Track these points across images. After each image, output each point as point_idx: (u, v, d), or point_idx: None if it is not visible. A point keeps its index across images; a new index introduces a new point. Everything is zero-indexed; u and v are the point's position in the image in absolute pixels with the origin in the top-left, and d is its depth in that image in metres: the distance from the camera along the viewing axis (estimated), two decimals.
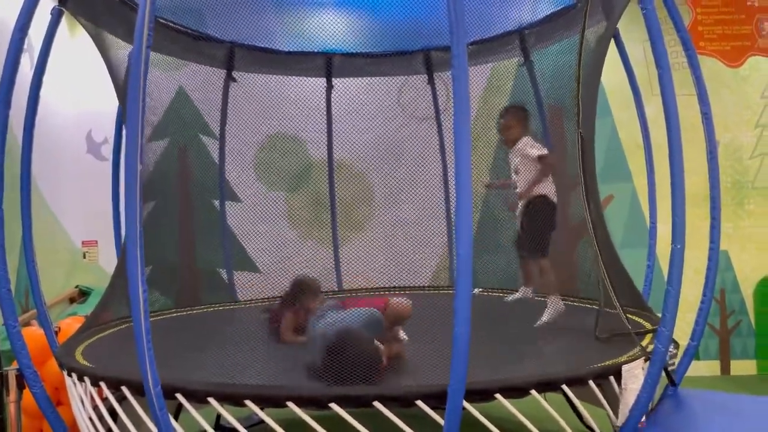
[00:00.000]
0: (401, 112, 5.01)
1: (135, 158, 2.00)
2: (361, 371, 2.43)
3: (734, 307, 5.69)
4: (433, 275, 5.18)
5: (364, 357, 2.51)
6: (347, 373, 2.40)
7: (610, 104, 5.67)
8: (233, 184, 4.93)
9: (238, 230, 4.85)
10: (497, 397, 2.29)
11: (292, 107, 4.78)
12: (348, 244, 5.13)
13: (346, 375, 2.40)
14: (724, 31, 5.75)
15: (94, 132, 5.74)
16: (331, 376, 2.43)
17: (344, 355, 2.48)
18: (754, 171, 5.78)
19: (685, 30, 3.06)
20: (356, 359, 2.46)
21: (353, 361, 2.45)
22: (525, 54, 4.39)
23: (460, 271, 2.06)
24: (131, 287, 2.04)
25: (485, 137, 4.89)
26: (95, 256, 5.70)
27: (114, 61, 3.73)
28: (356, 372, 2.41)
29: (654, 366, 2.53)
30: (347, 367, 2.42)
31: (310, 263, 4.35)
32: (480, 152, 4.87)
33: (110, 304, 3.68)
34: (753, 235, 5.72)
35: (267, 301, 4.27)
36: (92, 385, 2.62)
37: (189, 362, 2.79)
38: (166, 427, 2.19)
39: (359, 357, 2.48)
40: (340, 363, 2.45)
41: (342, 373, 2.40)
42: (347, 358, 2.46)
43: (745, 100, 5.79)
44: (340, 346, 2.55)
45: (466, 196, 2.05)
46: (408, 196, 4.95)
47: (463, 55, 2.09)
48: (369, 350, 2.58)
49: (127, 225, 2.07)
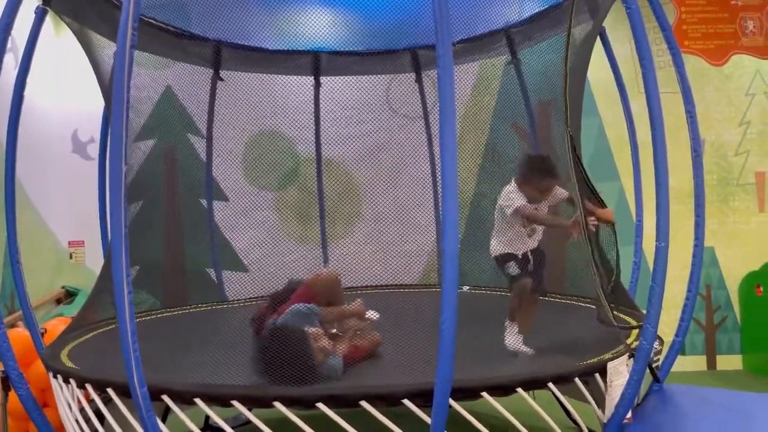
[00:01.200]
0: (389, 110, 5.01)
1: (119, 159, 1.98)
2: (294, 364, 2.47)
3: (720, 303, 5.75)
4: (422, 274, 5.19)
5: (292, 350, 2.54)
6: (283, 370, 2.45)
7: (597, 103, 5.70)
8: (221, 182, 4.91)
9: (225, 229, 4.84)
10: (483, 395, 2.30)
11: (279, 106, 4.77)
12: (336, 242, 5.13)
13: (282, 372, 2.45)
14: (708, 30, 5.80)
15: (79, 132, 5.69)
16: (272, 377, 2.49)
17: (274, 355, 2.52)
18: (739, 168, 5.84)
19: (669, 29, 3.08)
20: (285, 355, 2.50)
21: (285, 359, 2.49)
22: (512, 52, 4.41)
23: (446, 269, 2.07)
24: (116, 288, 2.03)
25: (473, 136, 4.91)
26: (82, 257, 5.66)
27: (99, 61, 3.70)
28: (291, 366, 2.46)
29: (638, 363, 2.55)
30: (281, 365, 2.47)
31: (299, 262, 4.34)
32: (468, 151, 4.89)
33: (97, 305, 3.65)
34: (738, 232, 5.78)
35: (255, 300, 4.27)
36: (78, 387, 2.60)
37: (176, 363, 2.77)
38: (153, 429, 2.18)
39: (287, 352, 2.51)
40: (274, 363, 2.49)
41: (279, 371, 2.46)
42: (278, 358, 2.50)
43: (729, 97, 5.84)
44: (268, 349, 2.58)
45: (452, 193, 2.06)
46: (396, 194, 4.95)
47: (448, 54, 2.09)
48: (295, 342, 2.60)
49: (112, 227, 2.06)
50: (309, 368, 2.51)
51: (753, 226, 5.82)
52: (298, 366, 2.48)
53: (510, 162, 4.90)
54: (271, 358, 2.51)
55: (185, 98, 4.65)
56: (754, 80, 5.85)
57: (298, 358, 2.52)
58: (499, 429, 2.35)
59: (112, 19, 3.24)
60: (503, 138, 4.92)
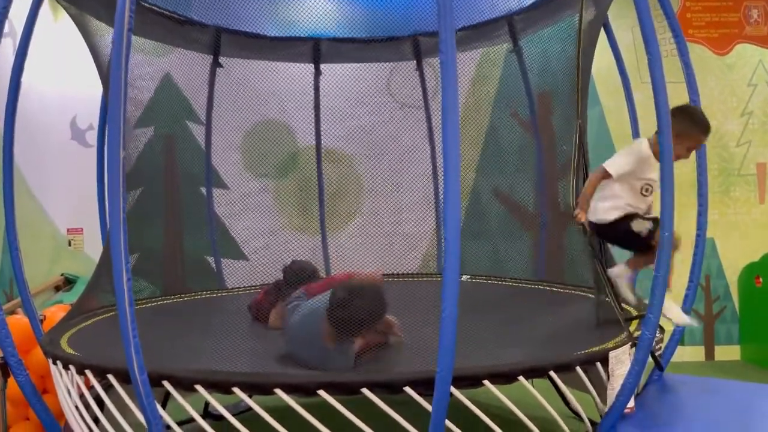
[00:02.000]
0: (390, 98, 4.98)
1: (117, 146, 1.96)
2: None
3: (719, 294, 5.75)
4: (422, 262, 5.19)
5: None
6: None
7: (599, 93, 5.67)
8: (220, 170, 4.89)
9: (225, 217, 4.82)
10: (485, 383, 2.30)
11: (279, 93, 4.74)
12: (336, 231, 5.11)
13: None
14: (712, 19, 5.76)
15: (78, 118, 5.65)
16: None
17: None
18: (740, 158, 5.83)
19: (674, 16, 3.05)
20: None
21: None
22: (514, 40, 4.37)
23: (447, 257, 2.06)
24: (115, 275, 2.01)
25: (475, 124, 4.89)
26: (81, 244, 5.65)
27: (98, 47, 3.67)
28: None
29: (641, 352, 2.55)
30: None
31: (298, 251, 4.32)
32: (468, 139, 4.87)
33: (96, 292, 3.64)
34: (738, 223, 5.78)
35: (255, 288, 4.26)
36: (78, 373, 2.59)
37: (176, 350, 2.77)
38: (152, 415, 2.18)
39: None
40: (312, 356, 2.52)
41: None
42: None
43: (731, 87, 5.82)
44: (309, 341, 2.58)
45: (455, 181, 2.04)
46: (396, 182, 4.94)
47: (451, 40, 2.06)
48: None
49: (111, 213, 2.04)
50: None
51: (753, 217, 5.81)
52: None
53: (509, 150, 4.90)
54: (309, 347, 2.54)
55: (184, 85, 4.62)
56: (757, 70, 5.81)
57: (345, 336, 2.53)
58: (498, 418, 2.34)
59: (109, 4, 3.20)
60: (503, 126, 4.91)
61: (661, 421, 2.73)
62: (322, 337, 2.57)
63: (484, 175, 5.02)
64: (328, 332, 2.56)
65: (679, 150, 2.80)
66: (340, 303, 2.53)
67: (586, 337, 2.82)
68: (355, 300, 2.52)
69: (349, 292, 2.56)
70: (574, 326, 3.10)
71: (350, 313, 2.49)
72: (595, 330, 2.94)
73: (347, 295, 2.55)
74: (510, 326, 3.10)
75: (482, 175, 5.03)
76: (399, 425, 2.21)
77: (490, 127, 4.97)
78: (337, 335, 2.53)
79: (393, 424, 2.22)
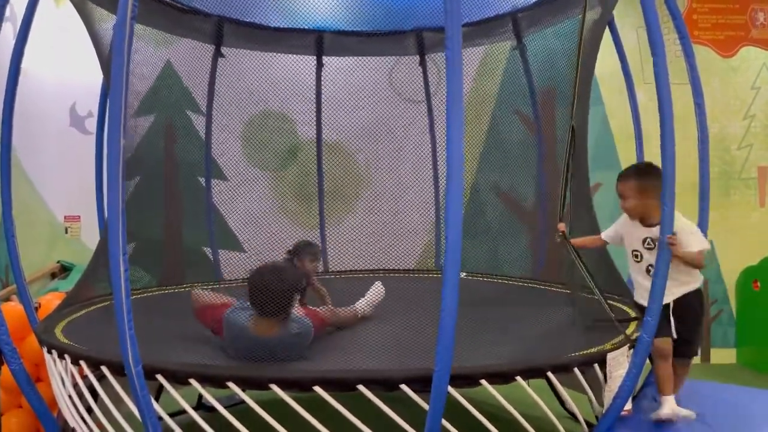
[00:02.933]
0: (392, 92, 4.95)
1: (118, 133, 1.94)
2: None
3: (717, 297, 5.75)
4: (420, 259, 5.17)
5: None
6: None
7: (602, 93, 5.65)
8: (220, 161, 4.86)
9: (223, 209, 4.80)
10: (482, 382, 2.29)
11: (281, 85, 4.70)
12: (335, 225, 5.09)
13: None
14: (719, 21, 5.74)
15: (78, 105, 5.61)
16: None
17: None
18: (741, 162, 5.82)
19: (680, 16, 3.03)
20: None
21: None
22: (518, 37, 4.34)
23: (448, 253, 2.04)
24: (112, 265, 1.99)
25: (476, 120, 4.86)
26: (78, 232, 5.62)
27: (99, 33, 3.64)
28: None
29: (638, 355, 2.54)
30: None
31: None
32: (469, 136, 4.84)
33: (92, 281, 3.62)
34: (738, 226, 5.77)
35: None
36: (73, 363, 2.58)
37: (171, 342, 2.75)
38: (147, 407, 2.16)
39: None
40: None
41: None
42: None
43: (734, 90, 5.80)
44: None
45: (458, 177, 2.02)
46: (396, 177, 4.91)
47: (457, 36, 2.05)
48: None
49: (109, 201, 2.02)
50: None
51: (753, 220, 5.81)
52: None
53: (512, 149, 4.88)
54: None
55: (185, 74, 4.58)
56: (761, 73, 5.80)
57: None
58: (494, 417, 2.33)
59: None
60: (505, 124, 4.88)
61: (657, 424, 2.73)
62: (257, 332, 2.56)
63: (484, 172, 5.00)
64: (261, 324, 2.56)
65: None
66: (256, 291, 2.54)
67: (584, 338, 2.81)
68: (265, 279, 2.56)
69: (257, 278, 2.59)
70: (572, 327, 3.09)
71: (268, 293, 2.52)
72: (593, 331, 2.93)
73: (257, 280, 2.58)
74: (508, 325, 3.09)
75: (483, 172, 5.01)
76: (394, 423, 2.20)
77: (492, 125, 4.94)
78: (271, 320, 2.54)
79: (388, 422, 2.20)
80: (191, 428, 2.32)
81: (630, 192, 2.80)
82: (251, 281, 2.59)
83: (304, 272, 3.39)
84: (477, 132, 4.91)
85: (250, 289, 2.57)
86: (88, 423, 2.58)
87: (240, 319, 2.59)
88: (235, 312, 2.66)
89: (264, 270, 2.64)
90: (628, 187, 2.81)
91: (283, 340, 2.54)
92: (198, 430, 2.27)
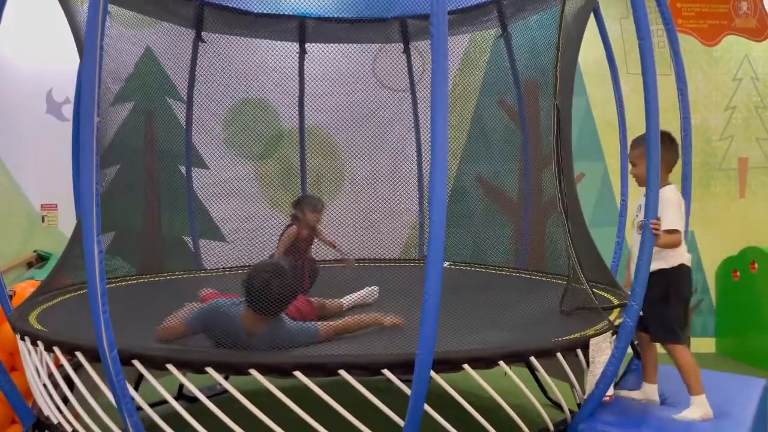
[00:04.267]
0: (376, 80, 4.90)
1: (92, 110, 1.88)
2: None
3: (697, 286, 5.80)
4: (404, 248, 5.15)
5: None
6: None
7: (585, 83, 5.65)
8: (200, 149, 4.78)
9: (204, 198, 4.72)
10: (465, 367, 2.26)
11: (263, 72, 4.63)
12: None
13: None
14: (702, 9, 5.77)
15: (54, 91, 5.49)
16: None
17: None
18: (722, 153, 5.86)
19: (665, 3, 3.02)
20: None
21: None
22: (502, 25, 4.32)
23: (432, 240, 2.01)
24: (85, 245, 1.93)
25: (460, 109, 4.84)
26: (55, 220, 5.51)
27: (76, 17, 3.55)
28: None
29: (622, 340, 2.53)
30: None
31: (278, 231, 4.24)
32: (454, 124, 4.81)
33: (68, 268, 3.54)
34: (718, 217, 5.82)
35: (232, 270, 4.19)
36: (46, 350, 2.51)
37: (149, 330, 2.69)
38: (122, 393, 2.10)
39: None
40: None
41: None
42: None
43: (716, 82, 5.84)
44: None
45: (442, 160, 1.99)
46: (380, 165, 4.87)
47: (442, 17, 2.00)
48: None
49: (83, 179, 1.95)
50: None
51: (733, 211, 5.86)
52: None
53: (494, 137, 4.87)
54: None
55: (165, 60, 4.49)
56: (742, 65, 5.84)
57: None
58: (476, 405, 2.32)
59: None
60: (489, 113, 4.87)
61: (638, 409, 2.74)
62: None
63: (468, 161, 4.99)
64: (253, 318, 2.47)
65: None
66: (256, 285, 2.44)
67: (568, 324, 2.81)
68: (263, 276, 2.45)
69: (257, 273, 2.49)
70: (555, 314, 3.08)
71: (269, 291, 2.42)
72: (576, 318, 2.93)
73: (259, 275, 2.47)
74: (490, 312, 3.07)
75: (466, 161, 4.99)
76: (376, 408, 2.17)
77: (476, 114, 4.93)
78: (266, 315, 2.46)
79: (370, 407, 2.18)
80: (172, 419, 2.27)
81: (637, 159, 2.79)
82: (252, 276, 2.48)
83: (310, 228, 3.58)
84: (461, 120, 4.89)
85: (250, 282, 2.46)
86: (63, 411, 2.52)
87: (232, 310, 2.50)
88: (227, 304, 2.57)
89: (265, 268, 2.52)
90: (634, 154, 2.82)
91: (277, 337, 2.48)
92: (179, 420, 2.22)
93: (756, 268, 5.27)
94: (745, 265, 5.39)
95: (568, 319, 2.94)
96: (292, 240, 3.73)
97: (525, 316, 3.02)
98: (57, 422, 2.53)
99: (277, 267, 2.51)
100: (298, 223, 3.80)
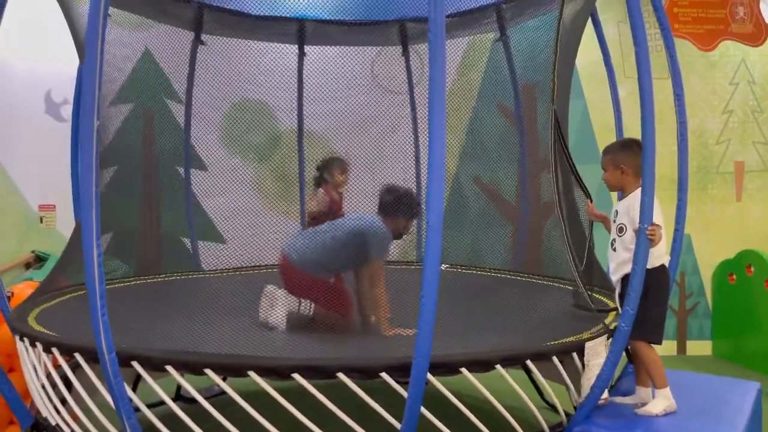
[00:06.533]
0: (374, 83, 4.92)
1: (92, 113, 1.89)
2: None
3: (693, 289, 5.82)
4: (401, 250, 5.15)
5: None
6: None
7: (583, 86, 5.67)
8: (199, 151, 4.79)
9: (203, 198, 4.73)
10: (462, 371, 2.28)
11: (262, 74, 4.64)
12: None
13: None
14: (699, 14, 5.80)
15: (53, 92, 5.50)
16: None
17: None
18: (719, 156, 5.89)
19: (662, 8, 3.03)
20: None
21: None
22: (501, 29, 4.34)
23: (429, 243, 2.03)
24: (85, 248, 1.94)
25: (458, 112, 4.85)
26: (53, 221, 5.52)
27: (75, 18, 3.56)
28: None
29: (616, 344, 2.55)
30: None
31: (277, 234, 4.25)
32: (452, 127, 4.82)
33: (67, 269, 3.55)
34: (715, 220, 5.84)
35: (231, 271, 4.20)
36: (45, 351, 2.52)
37: (148, 331, 2.70)
38: (120, 395, 2.12)
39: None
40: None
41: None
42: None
43: (713, 85, 5.86)
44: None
45: (439, 163, 2.00)
46: (378, 168, 4.88)
47: (440, 21, 2.02)
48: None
49: (82, 180, 1.96)
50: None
51: (729, 214, 5.89)
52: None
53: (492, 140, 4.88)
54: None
55: (164, 62, 4.50)
56: (739, 69, 5.87)
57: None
58: (472, 407, 2.33)
59: None
60: (487, 116, 4.88)
61: (633, 412, 2.75)
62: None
63: (465, 163, 5.00)
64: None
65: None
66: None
67: (563, 327, 2.82)
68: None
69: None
70: (551, 317, 3.10)
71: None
72: (572, 321, 2.94)
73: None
74: (488, 315, 3.09)
75: (464, 163, 5.01)
76: (374, 411, 2.19)
77: (474, 116, 4.94)
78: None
79: (368, 410, 2.19)
80: (170, 420, 2.28)
81: (606, 165, 2.91)
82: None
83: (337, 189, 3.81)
84: (459, 123, 4.90)
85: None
86: (61, 413, 2.53)
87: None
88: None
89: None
90: (605, 160, 2.93)
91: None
92: (177, 422, 2.23)
93: (752, 272, 5.29)
94: (742, 269, 5.41)
95: (564, 322, 2.96)
96: (328, 202, 3.76)
97: (522, 318, 3.04)
98: (55, 423, 2.54)
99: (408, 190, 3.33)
100: (326, 185, 3.82)
